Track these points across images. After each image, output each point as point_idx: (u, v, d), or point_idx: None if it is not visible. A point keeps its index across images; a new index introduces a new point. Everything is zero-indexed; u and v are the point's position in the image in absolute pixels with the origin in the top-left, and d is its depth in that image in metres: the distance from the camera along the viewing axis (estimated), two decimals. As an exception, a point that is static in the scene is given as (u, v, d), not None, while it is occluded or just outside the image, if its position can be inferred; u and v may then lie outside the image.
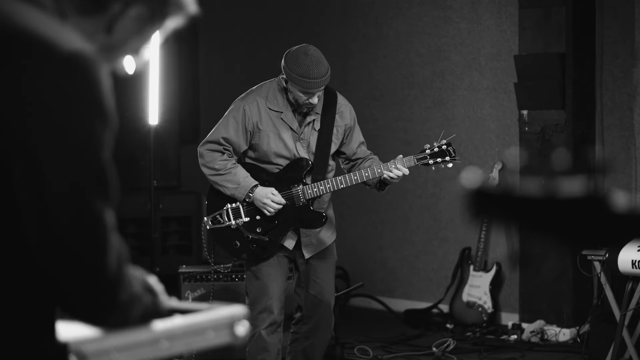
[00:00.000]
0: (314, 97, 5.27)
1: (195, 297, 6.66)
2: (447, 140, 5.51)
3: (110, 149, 1.97)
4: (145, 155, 7.98)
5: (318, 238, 5.50)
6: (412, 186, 8.59)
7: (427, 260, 8.59)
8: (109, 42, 2.08)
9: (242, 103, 5.37)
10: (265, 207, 5.33)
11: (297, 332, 5.62)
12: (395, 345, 7.46)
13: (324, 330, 5.60)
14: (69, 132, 1.90)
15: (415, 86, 8.58)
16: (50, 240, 1.91)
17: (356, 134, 5.59)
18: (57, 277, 1.94)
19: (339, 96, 5.52)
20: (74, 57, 1.91)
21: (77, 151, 1.91)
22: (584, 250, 5.71)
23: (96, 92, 1.93)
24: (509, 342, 7.48)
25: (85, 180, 1.93)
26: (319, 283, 5.53)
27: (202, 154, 5.40)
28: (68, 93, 1.90)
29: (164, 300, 2.16)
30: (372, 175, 5.37)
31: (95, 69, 1.94)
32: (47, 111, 1.88)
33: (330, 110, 5.45)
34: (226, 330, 2.21)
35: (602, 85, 7.59)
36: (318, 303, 5.54)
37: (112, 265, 1.96)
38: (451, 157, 5.51)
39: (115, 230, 1.98)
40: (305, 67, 5.18)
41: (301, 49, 5.27)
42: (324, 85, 5.26)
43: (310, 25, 9.07)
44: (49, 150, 1.88)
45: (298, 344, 5.60)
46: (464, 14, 8.26)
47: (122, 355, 2.01)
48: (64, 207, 1.90)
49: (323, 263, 5.54)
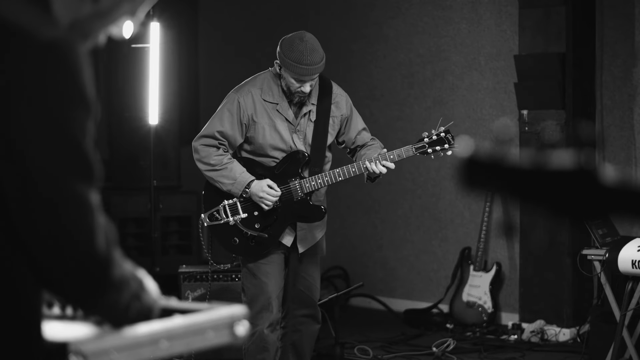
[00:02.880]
0: (306, 86, 5.22)
1: (195, 297, 6.66)
2: (445, 128, 5.41)
3: (93, 135, 1.96)
4: (145, 155, 7.98)
5: (311, 232, 5.47)
6: (412, 186, 8.59)
7: (427, 260, 8.59)
8: (98, 10, 2.04)
9: (236, 95, 5.33)
10: (262, 200, 5.29)
11: (284, 326, 5.57)
12: (395, 345, 7.45)
13: (312, 323, 5.59)
14: (49, 119, 1.90)
15: (415, 86, 8.59)
16: (37, 224, 1.91)
17: (354, 122, 5.52)
18: (47, 260, 1.94)
19: (334, 86, 5.47)
20: (53, 45, 1.90)
21: (59, 138, 1.91)
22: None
23: (76, 79, 1.92)
24: (509, 342, 7.47)
25: (67, 164, 1.92)
26: (307, 279, 5.52)
27: (196, 149, 5.36)
28: (48, 80, 1.89)
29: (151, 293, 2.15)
30: (357, 170, 5.31)
31: (75, 56, 1.93)
32: (27, 99, 1.88)
33: (325, 101, 5.40)
34: (226, 330, 2.21)
35: (602, 85, 7.59)
36: (306, 298, 5.52)
37: (101, 244, 1.96)
38: (450, 145, 5.40)
39: (101, 211, 1.98)
40: (299, 53, 5.14)
41: (297, 35, 5.23)
42: (317, 73, 5.20)
43: (311, 25, 9.05)
44: (30, 137, 1.88)
45: (287, 338, 5.56)
46: (464, 14, 8.26)
47: (121, 355, 2.01)
48: (47, 191, 1.90)
49: (312, 259, 5.53)
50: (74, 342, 1.96)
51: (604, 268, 6.13)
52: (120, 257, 2.04)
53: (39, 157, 1.89)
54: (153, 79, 7.11)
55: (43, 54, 1.89)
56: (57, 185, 1.91)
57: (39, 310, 2.03)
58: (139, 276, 2.12)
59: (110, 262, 1.99)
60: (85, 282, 1.98)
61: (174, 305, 2.26)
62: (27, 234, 1.92)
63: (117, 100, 8.60)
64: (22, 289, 1.99)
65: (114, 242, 2.01)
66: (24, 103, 1.88)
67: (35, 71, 1.89)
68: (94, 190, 1.96)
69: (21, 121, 1.88)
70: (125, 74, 8.44)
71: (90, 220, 1.95)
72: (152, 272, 6.54)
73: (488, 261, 8.09)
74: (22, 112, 1.88)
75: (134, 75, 8.08)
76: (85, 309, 2.09)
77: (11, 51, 1.89)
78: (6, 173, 1.90)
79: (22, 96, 1.88)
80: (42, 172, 1.90)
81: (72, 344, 1.95)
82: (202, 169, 5.35)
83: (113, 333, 2.04)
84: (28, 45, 1.89)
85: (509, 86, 7.91)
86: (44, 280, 1.99)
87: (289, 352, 5.58)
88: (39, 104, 1.89)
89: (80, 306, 2.07)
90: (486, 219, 7.99)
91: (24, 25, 1.91)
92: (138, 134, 8.12)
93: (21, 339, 1.99)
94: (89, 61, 1.96)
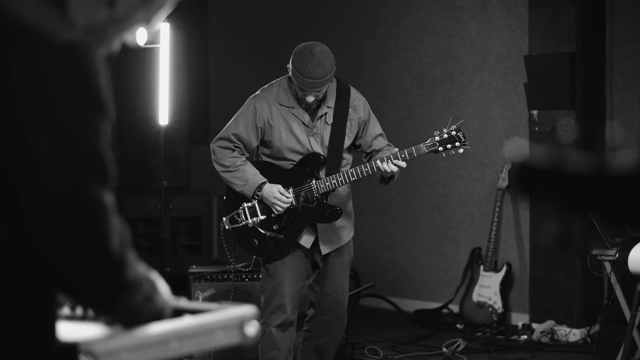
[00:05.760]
0: (310, 96, 5.26)
1: (205, 298, 6.66)
2: (456, 126, 5.41)
3: (108, 138, 1.96)
4: (155, 156, 7.99)
5: (336, 234, 5.49)
6: (422, 186, 8.59)
7: (437, 260, 8.58)
8: (113, 16, 2.04)
9: (253, 100, 5.41)
10: (274, 205, 5.35)
11: (309, 329, 5.61)
12: (405, 345, 7.45)
13: (337, 328, 5.60)
14: (64, 121, 1.90)
15: (425, 86, 8.58)
16: (51, 225, 1.92)
17: (372, 127, 5.54)
18: (61, 262, 1.94)
19: (352, 90, 5.50)
20: (69, 47, 1.91)
21: (73, 139, 1.91)
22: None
23: (92, 81, 1.93)
24: (519, 343, 7.47)
25: (82, 166, 1.92)
26: (334, 281, 5.53)
27: (213, 151, 5.45)
28: (64, 82, 1.90)
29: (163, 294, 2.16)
30: (370, 170, 5.31)
31: (92, 58, 1.93)
32: (42, 100, 1.88)
33: (343, 104, 5.43)
34: (236, 331, 2.21)
35: (612, 85, 7.57)
36: (333, 301, 5.54)
37: (115, 245, 1.97)
38: (461, 143, 5.40)
39: (115, 212, 1.98)
40: (303, 65, 5.18)
41: (309, 46, 5.26)
42: (319, 87, 5.23)
43: (321, 26, 9.07)
44: (45, 139, 1.89)
45: (310, 342, 5.60)
46: (473, 14, 8.26)
47: (132, 355, 2.01)
48: (61, 193, 1.90)
49: (339, 261, 5.54)
50: (84, 342, 1.96)
51: (614, 268, 6.12)
52: (134, 258, 2.04)
53: (53, 158, 1.89)
54: (163, 79, 7.11)
55: (59, 56, 1.90)
56: (71, 186, 1.91)
57: (53, 312, 2.03)
58: (152, 278, 2.13)
59: (124, 263, 2.00)
60: (99, 283, 1.98)
61: (184, 305, 2.26)
62: (41, 235, 1.93)
63: (127, 101, 8.61)
64: (36, 290, 1.99)
65: (127, 244, 2.01)
66: (39, 104, 1.88)
67: (51, 73, 1.89)
68: (108, 192, 1.96)
69: (36, 122, 1.88)
70: (136, 75, 8.46)
71: (105, 221, 1.95)
72: (162, 273, 6.55)
73: (498, 261, 8.08)
74: (37, 113, 1.88)
75: (144, 75, 8.10)
76: (98, 310, 2.09)
77: (27, 52, 1.89)
78: (20, 174, 1.90)
79: (37, 97, 1.88)
80: (56, 173, 1.90)
81: (82, 344, 1.95)
82: (217, 169, 5.45)
83: (123, 333, 2.05)
84: (44, 46, 1.89)
85: (519, 86, 7.90)
86: (57, 282, 1.99)
87: (311, 356, 5.60)
88: (54, 106, 1.89)
89: (94, 307, 2.08)
90: (496, 219, 7.98)
91: (40, 27, 1.91)
92: (148, 135, 8.13)
93: (35, 340, 1.99)
94: (104, 64, 1.97)
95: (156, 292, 2.12)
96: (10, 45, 1.90)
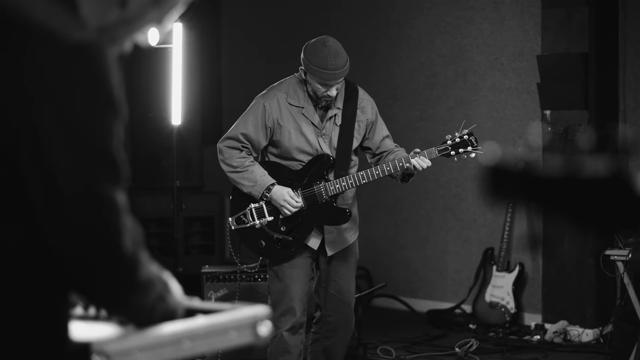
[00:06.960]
0: (332, 90, 5.23)
1: (218, 297, 6.67)
2: (468, 130, 5.40)
3: (120, 138, 1.96)
4: (168, 156, 8.00)
5: (341, 236, 5.48)
6: (435, 186, 8.58)
7: (450, 260, 8.58)
8: (124, 17, 2.05)
9: (262, 99, 5.35)
10: (283, 208, 5.32)
11: (317, 332, 5.60)
12: (418, 345, 7.45)
13: (344, 329, 5.58)
14: (76, 120, 1.90)
15: (437, 86, 8.58)
16: (63, 225, 1.92)
17: (379, 128, 5.53)
18: (73, 261, 1.94)
19: (360, 90, 5.47)
20: (81, 47, 1.90)
21: (85, 139, 1.91)
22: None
23: (104, 81, 1.93)
24: (531, 343, 7.46)
25: (94, 166, 1.92)
26: (339, 282, 5.51)
27: (221, 150, 5.39)
28: (76, 82, 1.90)
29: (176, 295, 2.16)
30: (393, 169, 5.30)
31: (104, 58, 1.93)
32: (54, 100, 1.88)
33: (351, 105, 5.41)
34: (248, 331, 2.20)
35: (625, 85, 7.56)
36: (338, 302, 5.51)
37: (128, 245, 1.97)
38: (473, 147, 5.40)
39: (128, 212, 1.98)
40: (322, 58, 5.15)
41: (320, 40, 5.24)
42: (342, 77, 5.21)
43: (333, 26, 9.06)
44: (57, 138, 1.88)
45: (319, 344, 5.58)
46: (486, 14, 8.25)
47: (144, 355, 2.01)
48: (73, 192, 1.91)
49: (344, 262, 5.52)
50: (97, 342, 1.96)
51: (627, 268, 6.11)
52: (147, 258, 2.04)
53: (65, 158, 1.89)
54: (176, 79, 7.12)
55: (71, 56, 1.90)
56: (83, 186, 1.91)
57: (66, 312, 2.04)
58: (164, 278, 2.13)
59: (137, 263, 2.00)
60: (112, 283, 1.99)
61: (197, 305, 2.26)
62: (53, 235, 1.93)
63: (140, 101, 8.62)
64: (48, 289, 2.00)
65: (140, 244, 2.02)
66: (52, 104, 1.88)
67: (63, 72, 1.89)
68: (120, 192, 1.96)
69: (48, 122, 1.88)
70: (148, 75, 8.47)
71: (117, 221, 1.95)
72: (175, 273, 6.56)
73: (511, 261, 8.07)
74: (50, 113, 1.88)
75: (156, 75, 8.11)
76: (111, 309, 2.10)
77: (39, 53, 1.89)
78: (32, 174, 1.90)
79: (49, 97, 1.88)
80: (68, 173, 1.90)
81: (95, 344, 1.95)
82: (225, 170, 5.38)
83: (136, 333, 2.05)
84: (56, 47, 1.89)
85: (532, 86, 7.89)
86: (70, 281, 1.99)
87: (320, 358, 5.59)
88: (66, 106, 1.89)
89: (106, 307, 2.08)
90: (509, 219, 7.97)
91: (51, 28, 1.91)
92: (161, 135, 8.15)
93: (48, 340, 1.99)
94: (116, 64, 1.97)
95: (169, 292, 2.12)
96: (22, 45, 1.90)
